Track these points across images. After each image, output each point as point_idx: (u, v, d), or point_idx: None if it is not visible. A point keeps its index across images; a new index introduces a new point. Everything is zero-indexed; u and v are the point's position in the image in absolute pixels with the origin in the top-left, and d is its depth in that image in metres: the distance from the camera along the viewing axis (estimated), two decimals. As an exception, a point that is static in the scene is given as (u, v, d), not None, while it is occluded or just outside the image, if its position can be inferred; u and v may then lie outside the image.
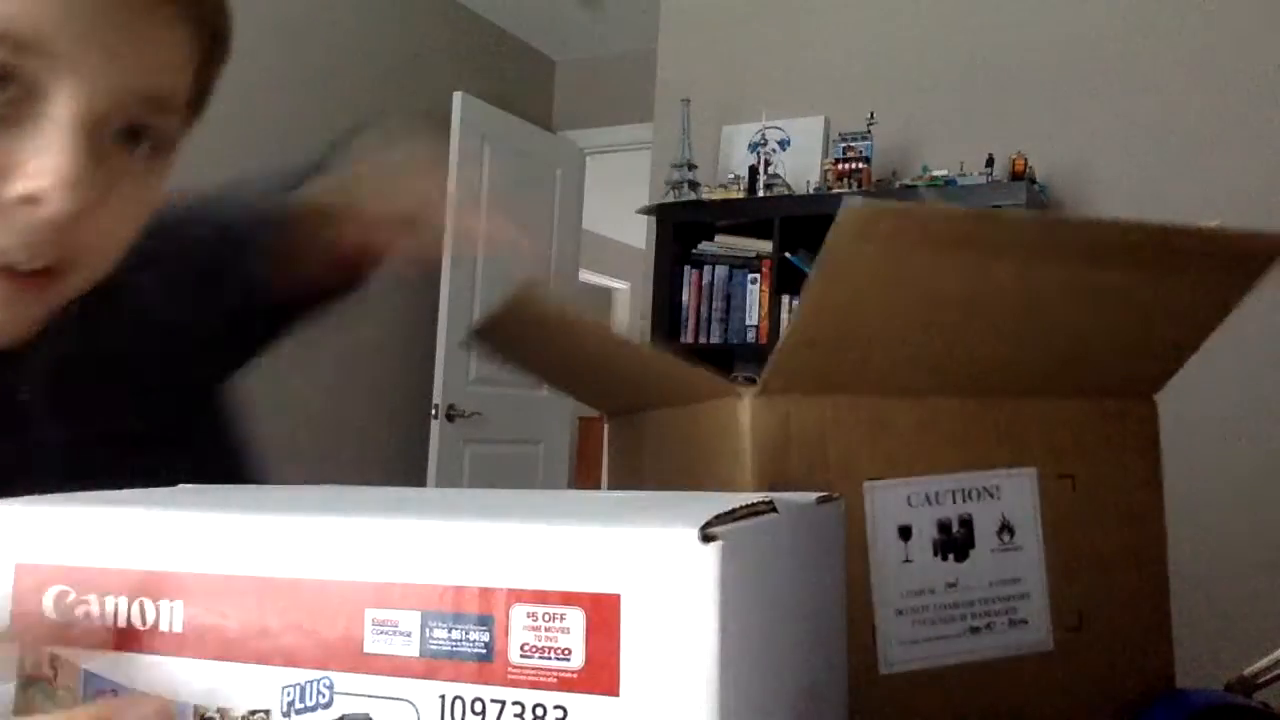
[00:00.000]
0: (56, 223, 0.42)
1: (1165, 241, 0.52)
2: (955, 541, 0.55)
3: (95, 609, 0.31)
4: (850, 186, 2.67)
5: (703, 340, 2.82)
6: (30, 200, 0.42)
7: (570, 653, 0.27)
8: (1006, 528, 0.56)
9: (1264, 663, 0.60)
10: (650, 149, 3.34)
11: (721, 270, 2.84)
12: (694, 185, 2.90)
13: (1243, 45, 2.50)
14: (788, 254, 2.70)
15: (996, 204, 2.40)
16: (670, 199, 2.91)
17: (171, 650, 0.30)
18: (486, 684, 0.27)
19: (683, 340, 2.84)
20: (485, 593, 0.27)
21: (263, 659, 0.29)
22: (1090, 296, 0.53)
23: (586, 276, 6.08)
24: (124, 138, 0.45)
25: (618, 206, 4.87)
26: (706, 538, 0.25)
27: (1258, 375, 2.41)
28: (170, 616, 0.30)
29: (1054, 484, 0.57)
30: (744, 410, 0.52)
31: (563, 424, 4.28)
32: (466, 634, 0.28)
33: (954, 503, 0.55)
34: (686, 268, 2.89)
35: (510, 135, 3.93)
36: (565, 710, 0.26)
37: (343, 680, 0.28)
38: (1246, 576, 2.38)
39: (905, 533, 0.55)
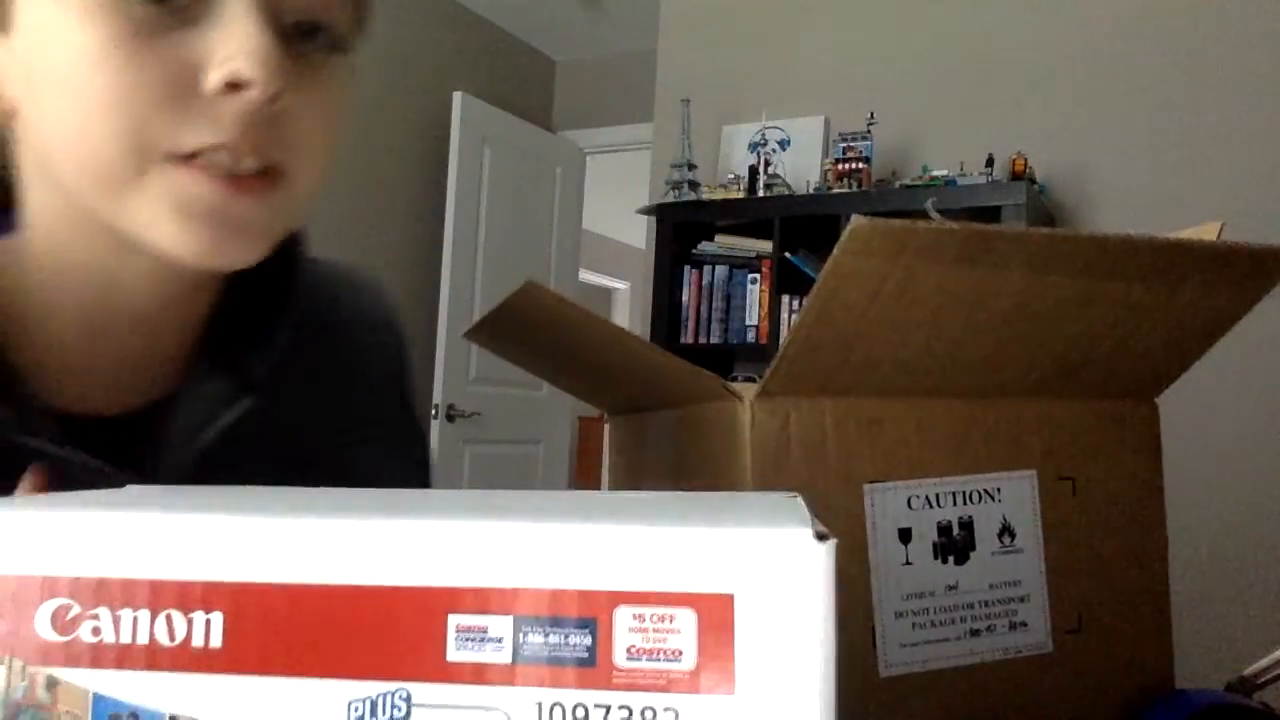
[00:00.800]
0: (262, 102, 0.41)
1: (1170, 256, 0.52)
2: (955, 544, 0.55)
3: (105, 624, 0.28)
4: (850, 186, 2.67)
5: (703, 340, 2.82)
6: (232, 85, 0.41)
7: (681, 654, 0.26)
8: (1007, 530, 0.56)
9: (1264, 663, 0.61)
10: (650, 149, 3.34)
11: (721, 270, 2.84)
12: (694, 185, 2.90)
13: (1243, 45, 2.50)
14: (788, 254, 2.70)
15: (996, 204, 2.40)
16: (670, 199, 2.91)
17: (209, 667, 0.27)
18: (589, 688, 0.26)
19: (683, 340, 2.84)
20: (586, 595, 0.27)
21: (325, 672, 0.27)
22: (1093, 306, 0.53)
23: (586, 276, 6.08)
24: (301, 33, 0.44)
25: (618, 206, 4.87)
26: (820, 536, 0.26)
27: (1259, 376, 2.41)
28: (207, 630, 0.27)
29: (1054, 486, 0.57)
30: (744, 412, 0.52)
31: (563, 424, 4.28)
32: (566, 638, 0.27)
33: (954, 505, 0.55)
34: (686, 268, 2.89)
35: (510, 135, 3.93)
36: (676, 712, 0.26)
37: (422, 692, 0.27)
38: (1246, 576, 2.38)
39: (905, 535, 0.55)
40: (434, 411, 3.57)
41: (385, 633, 0.27)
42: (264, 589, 0.27)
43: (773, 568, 0.26)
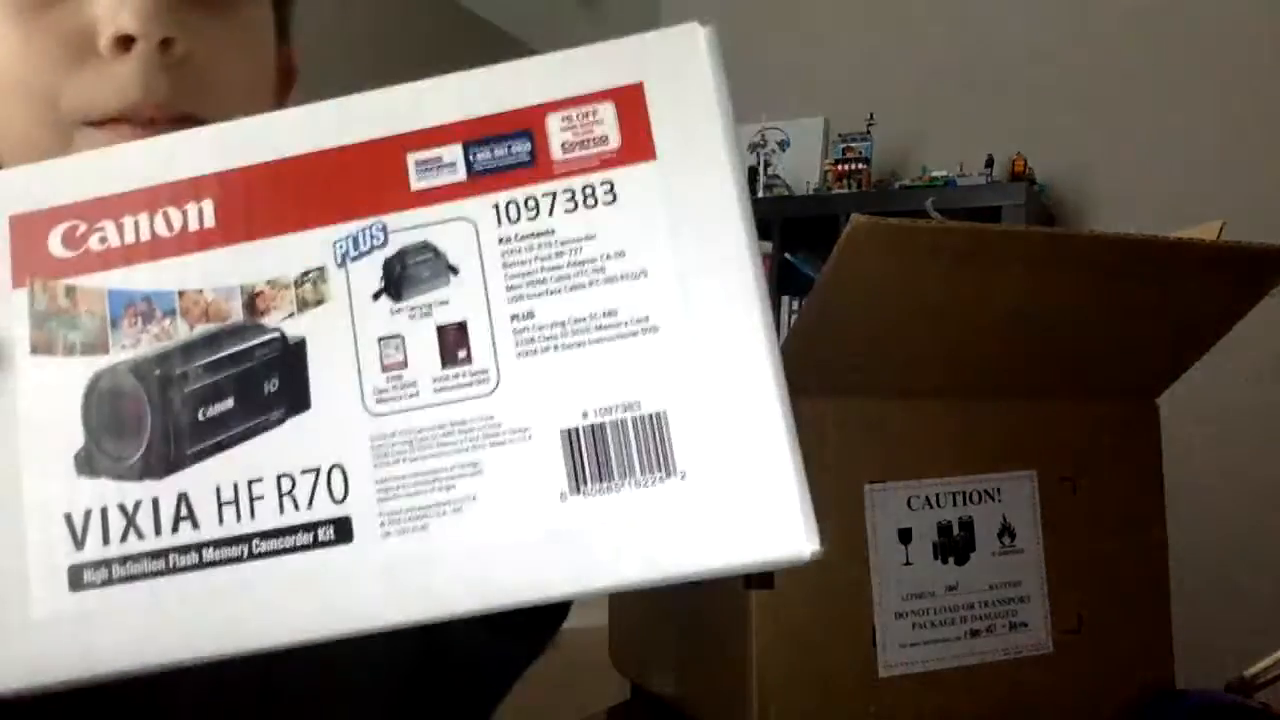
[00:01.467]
0: (152, 53, 0.41)
1: (1170, 256, 0.52)
2: (956, 544, 0.55)
3: (111, 233, 0.31)
4: (850, 187, 2.67)
5: (703, 340, 2.82)
6: (121, 40, 0.41)
7: (607, 138, 0.31)
8: (1007, 530, 0.56)
9: (1264, 663, 0.61)
10: (650, 149, 3.34)
11: (721, 270, 2.84)
12: (694, 185, 2.90)
13: (1243, 45, 2.50)
14: (788, 254, 2.70)
15: (996, 204, 2.40)
16: (670, 199, 2.91)
17: (207, 245, 0.31)
18: (535, 183, 0.31)
19: (683, 340, 2.84)
20: (520, 112, 0.31)
21: (306, 224, 0.31)
22: (1093, 306, 0.53)
23: (586, 276, 6.07)
24: None
25: (618, 206, 4.87)
26: (703, 23, 0.33)
27: (1259, 375, 2.41)
28: (200, 216, 0.31)
29: (1055, 487, 0.57)
30: (744, 413, 0.52)
31: (563, 424, 4.28)
32: (510, 149, 0.31)
33: (954, 505, 0.55)
34: (686, 268, 2.88)
35: (510, 135, 3.93)
36: (611, 183, 0.31)
37: (394, 220, 0.31)
38: (1246, 576, 2.38)
39: (906, 535, 0.55)
40: (434, 412, 3.57)
41: (355, 181, 0.31)
42: (247, 170, 0.31)
43: (671, 55, 0.33)
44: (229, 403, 0.30)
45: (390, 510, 0.29)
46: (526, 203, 0.31)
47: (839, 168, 2.70)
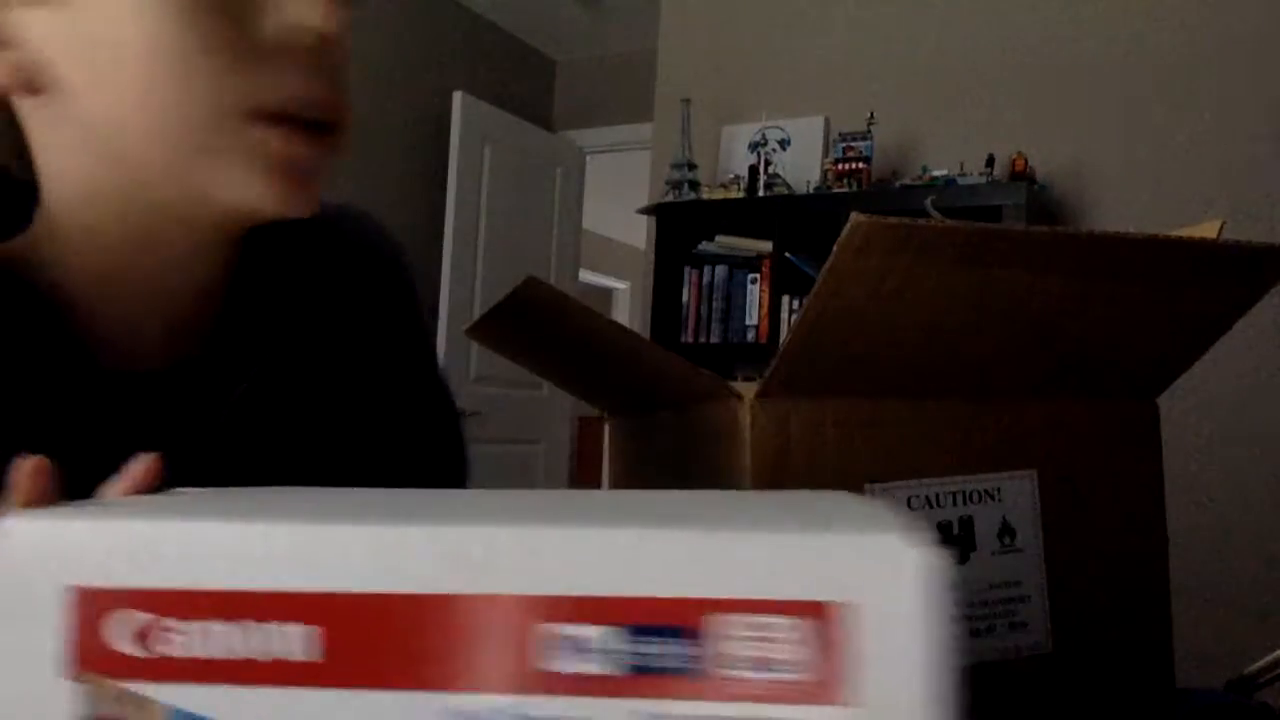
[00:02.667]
0: (325, 46, 0.41)
1: (1170, 256, 0.52)
2: (955, 544, 0.55)
3: (191, 637, 0.26)
4: (850, 186, 2.67)
5: (703, 340, 2.82)
6: (299, 32, 0.41)
7: (789, 663, 0.25)
8: (1007, 530, 0.56)
9: (1264, 663, 0.61)
10: (650, 149, 3.34)
11: (721, 270, 2.84)
12: (694, 185, 2.90)
13: (1243, 45, 2.50)
14: (788, 254, 2.70)
15: (996, 204, 2.40)
16: (670, 199, 2.91)
17: (304, 680, 0.26)
18: (693, 699, 0.26)
19: (683, 340, 2.84)
20: (688, 603, 0.26)
21: (422, 684, 0.26)
22: (1093, 306, 0.53)
23: (586, 276, 6.08)
24: None
25: (618, 206, 4.87)
26: (928, 544, 0.25)
27: (1259, 375, 2.41)
28: (302, 642, 0.26)
29: (1055, 487, 0.57)
30: (744, 412, 0.52)
31: (563, 424, 4.28)
32: (668, 647, 0.26)
33: (954, 505, 0.55)
34: (686, 268, 2.89)
35: (510, 135, 3.93)
36: None
37: (522, 704, 0.26)
38: (1246, 576, 2.38)
39: (905, 535, 0.54)
40: (434, 411, 3.57)
41: (485, 644, 0.26)
42: (358, 599, 0.26)
43: (886, 576, 0.25)
44: None
45: None
46: None
47: (839, 167, 2.70)
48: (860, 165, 2.67)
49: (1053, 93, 2.70)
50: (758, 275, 2.78)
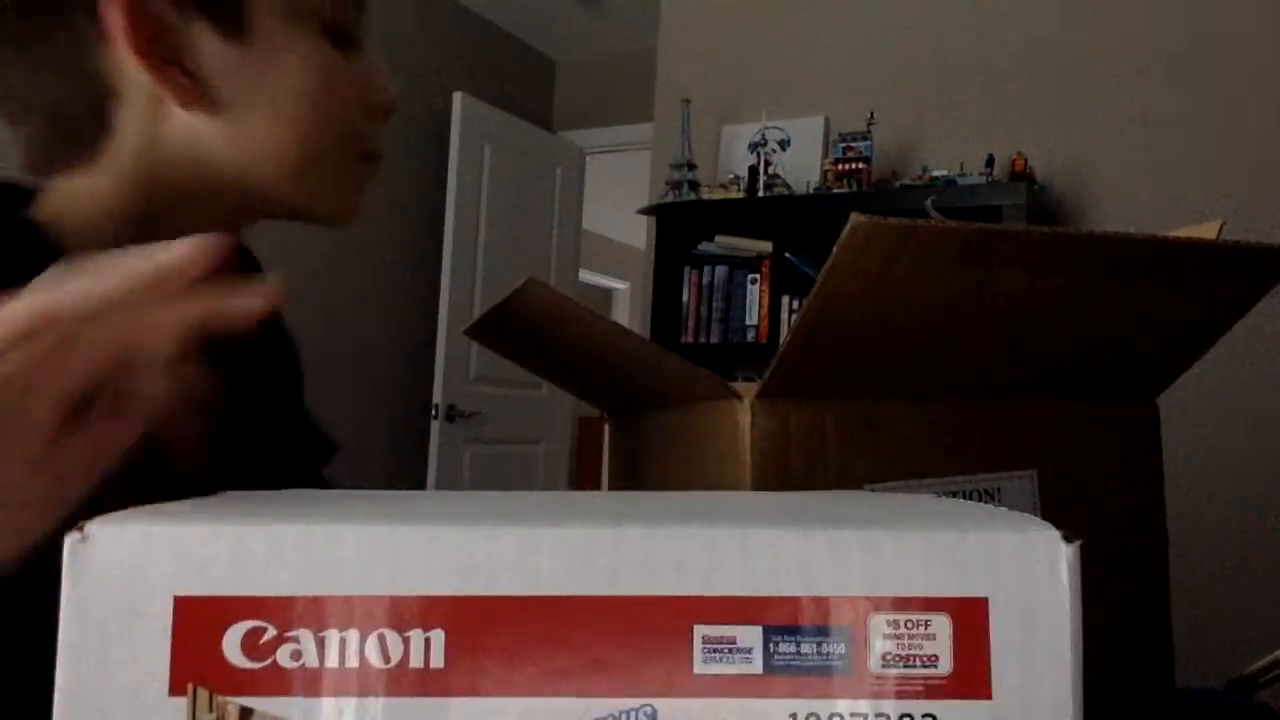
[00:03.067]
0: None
1: (1170, 256, 0.52)
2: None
3: (308, 647, 0.25)
4: (850, 186, 2.67)
5: (703, 340, 2.82)
6: (388, 110, 0.61)
7: (938, 659, 0.26)
8: (1007, 530, 0.56)
9: (1264, 663, 0.61)
10: (650, 149, 3.34)
11: (721, 270, 2.84)
12: (694, 185, 2.90)
13: (1244, 44, 2.50)
14: (788, 254, 2.70)
15: (996, 204, 2.40)
16: (670, 199, 2.91)
17: (430, 690, 0.25)
18: (845, 698, 0.26)
19: (683, 340, 2.84)
20: (838, 602, 0.26)
21: (560, 691, 0.25)
22: (1093, 306, 0.53)
23: (586, 276, 6.08)
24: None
25: (618, 206, 4.87)
26: (1067, 538, 0.26)
27: (1259, 376, 2.41)
28: (426, 649, 0.25)
29: (1055, 486, 0.57)
30: (744, 412, 0.52)
31: (563, 424, 4.28)
32: (818, 647, 0.26)
33: (954, 505, 0.55)
34: (686, 268, 2.89)
35: (510, 135, 3.93)
36: (935, 717, 0.26)
37: (668, 707, 0.25)
38: (1246, 576, 2.38)
39: (905, 535, 0.54)
40: (434, 411, 3.57)
41: (626, 646, 0.25)
42: (488, 602, 0.25)
43: (1026, 571, 0.26)
44: None
45: None
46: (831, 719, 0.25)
47: (839, 167, 2.70)
48: (860, 165, 2.67)
49: (1053, 93, 2.70)
50: (758, 275, 2.78)
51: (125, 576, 0.25)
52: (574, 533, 0.26)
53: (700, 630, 0.25)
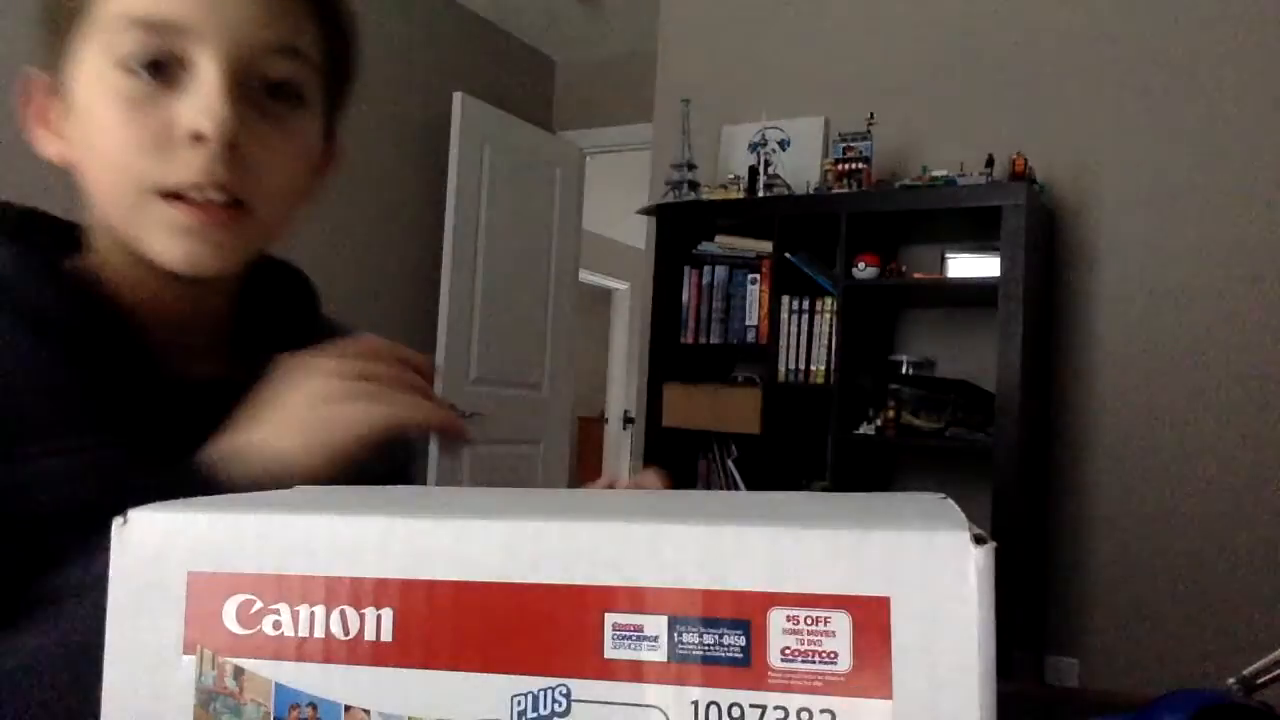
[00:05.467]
0: (218, 150, 0.53)
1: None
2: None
3: (286, 619, 0.29)
4: (850, 186, 2.67)
5: (703, 340, 2.82)
6: (195, 137, 0.53)
7: (837, 656, 0.26)
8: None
9: (1264, 663, 0.61)
10: (650, 149, 3.34)
11: (721, 270, 2.84)
12: (694, 185, 2.91)
13: (1243, 44, 2.50)
14: (788, 254, 2.70)
15: (996, 204, 2.40)
16: (670, 199, 2.91)
17: (380, 660, 0.28)
18: (745, 689, 0.26)
19: (683, 340, 2.84)
20: (740, 595, 0.27)
21: (488, 667, 0.28)
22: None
23: (586, 276, 6.08)
24: (269, 92, 0.57)
25: (618, 206, 4.87)
26: (977, 540, 0.26)
27: (1259, 377, 2.41)
28: (378, 625, 0.29)
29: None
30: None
31: (563, 424, 4.28)
32: (721, 638, 0.27)
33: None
34: (686, 268, 2.89)
35: (510, 135, 3.93)
36: (833, 714, 0.26)
37: (581, 688, 0.27)
38: (1246, 576, 2.38)
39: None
40: (434, 411, 3.56)
41: (546, 629, 0.28)
42: (430, 585, 0.28)
43: (931, 571, 0.26)
44: None
45: None
46: (730, 709, 0.27)
47: (839, 167, 2.70)
48: (860, 165, 2.67)
49: (1053, 93, 2.70)
50: (758, 275, 2.78)
51: (153, 555, 0.30)
52: (500, 525, 0.28)
53: (610, 618, 0.27)
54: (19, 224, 0.60)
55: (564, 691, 0.27)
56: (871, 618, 0.26)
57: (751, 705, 0.26)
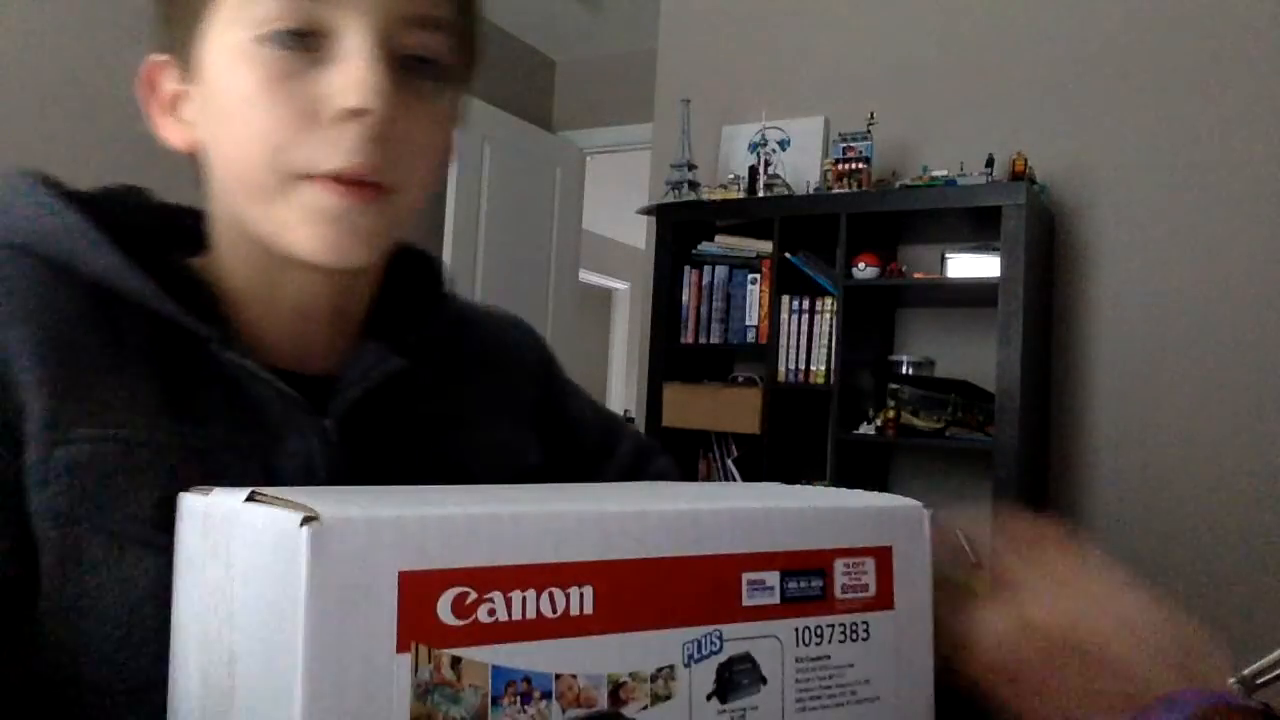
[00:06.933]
0: (375, 127, 0.49)
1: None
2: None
3: (500, 606, 0.32)
4: (850, 186, 2.67)
5: (703, 340, 2.82)
6: (351, 112, 0.49)
7: (868, 586, 0.41)
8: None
9: (1264, 663, 0.60)
10: (650, 149, 3.34)
11: (721, 270, 2.84)
12: (694, 185, 2.90)
13: (1243, 44, 2.50)
14: (788, 254, 2.70)
15: (996, 204, 2.40)
16: (670, 199, 2.91)
17: (583, 631, 0.33)
18: (825, 615, 0.40)
19: (683, 340, 2.83)
20: (820, 554, 0.40)
21: (663, 623, 0.35)
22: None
23: (586, 276, 6.08)
24: (411, 65, 0.52)
25: (618, 206, 4.87)
26: (928, 507, 0.44)
27: (1259, 377, 2.41)
28: (581, 601, 0.34)
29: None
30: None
31: (563, 424, 4.27)
32: (810, 582, 0.40)
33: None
34: (686, 268, 2.88)
35: (510, 135, 3.93)
36: (868, 624, 0.41)
37: (728, 631, 0.37)
38: (1246, 576, 2.38)
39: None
40: (434, 411, 3.56)
41: (704, 589, 0.37)
42: (622, 564, 0.35)
43: (910, 529, 0.43)
44: None
45: None
46: (816, 630, 0.39)
47: (839, 167, 2.70)
48: (860, 165, 2.67)
49: (1053, 93, 2.70)
50: (758, 275, 2.78)
51: (358, 556, 0.30)
52: (671, 510, 0.37)
53: (746, 576, 0.38)
54: (138, 215, 0.57)
55: (718, 634, 0.36)
56: (883, 561, 0.42)
57: (827, 625, 0.40)
